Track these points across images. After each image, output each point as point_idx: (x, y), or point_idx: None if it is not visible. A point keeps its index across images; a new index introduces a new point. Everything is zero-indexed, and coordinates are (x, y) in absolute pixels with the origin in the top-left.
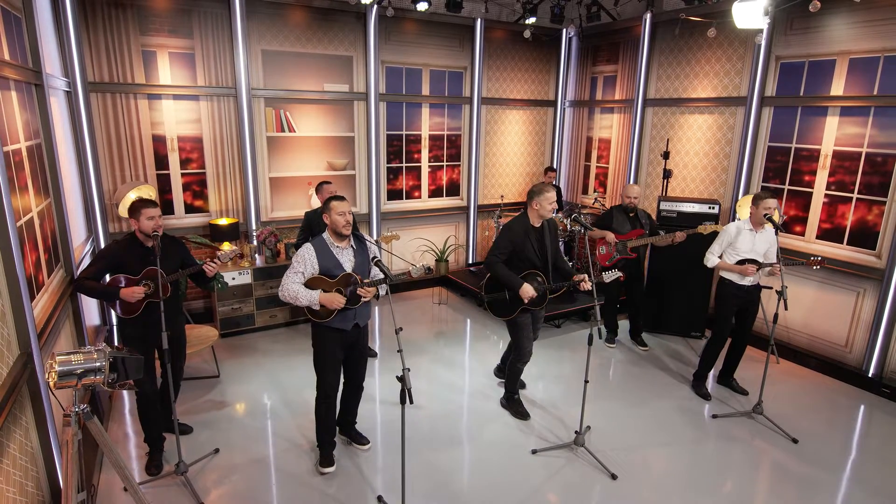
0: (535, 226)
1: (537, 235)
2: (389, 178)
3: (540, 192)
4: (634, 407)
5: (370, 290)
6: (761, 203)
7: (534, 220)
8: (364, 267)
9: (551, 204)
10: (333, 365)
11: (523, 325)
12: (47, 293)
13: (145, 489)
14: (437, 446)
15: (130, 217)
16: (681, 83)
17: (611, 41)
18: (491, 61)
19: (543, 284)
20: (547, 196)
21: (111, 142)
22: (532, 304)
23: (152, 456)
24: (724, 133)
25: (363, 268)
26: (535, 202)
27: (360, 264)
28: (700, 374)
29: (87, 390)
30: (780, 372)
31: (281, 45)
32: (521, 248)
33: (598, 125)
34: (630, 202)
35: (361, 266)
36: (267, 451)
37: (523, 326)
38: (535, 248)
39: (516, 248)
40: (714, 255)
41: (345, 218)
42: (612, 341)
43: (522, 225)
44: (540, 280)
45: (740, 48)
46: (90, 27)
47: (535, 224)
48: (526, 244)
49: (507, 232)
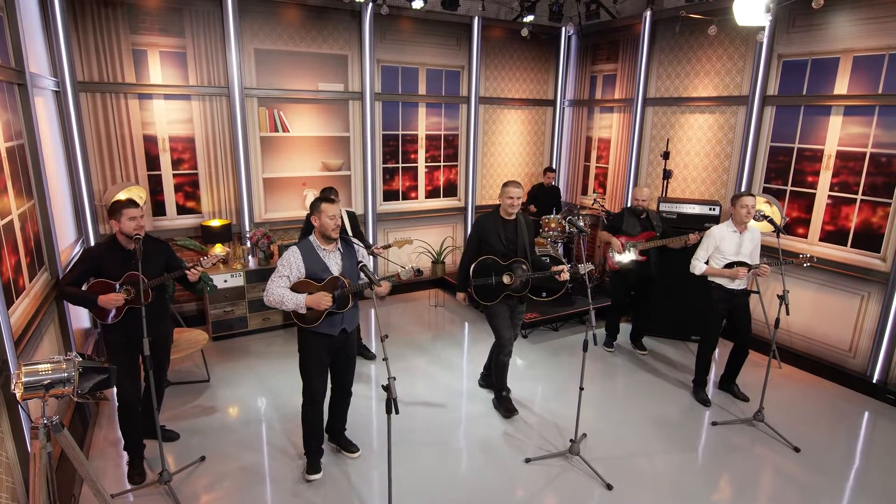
0: (504, 218)
1: (508, 227)
2: (386, 178)
3: (502, 188)
4: (632, 413)
5: (385, 286)
6: (738, 201)
7: (503, 213)
8: (352, 270)
9: (510, 199)
10: (319, 371)
11: (498, 312)
12: (28, 297)
13: (127, 499)
14: (430, 452)
15: (111, 218)
16: (681, 82)
17: (610, 39)
18: (489, 60)
19: (528, 272)
20: (506, 191)
21: (101, 142)
22: (514, 291)
23: (134, 464)
24: (725, 133)
25: (351, 271)
26: (499, 196)
27: (347, 267)
28: (698, 379)
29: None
30: (782, 377)
31: (274, 44)
32: (486, 237)
33: (597, 125)
34: (638, 204)
35: (349, 269)
36: (254, 458)
37: (499, 314)
38: (502, 238)
39: (482, 236)
40: (700, 262)
41: (335, 221)
42: (610, 345)
43: (492, 216)
44: (525, 268)
45: (742, 46)
46: (79, 26)
47: (504, 216)
48: (491, 233)
49: (474, 227)
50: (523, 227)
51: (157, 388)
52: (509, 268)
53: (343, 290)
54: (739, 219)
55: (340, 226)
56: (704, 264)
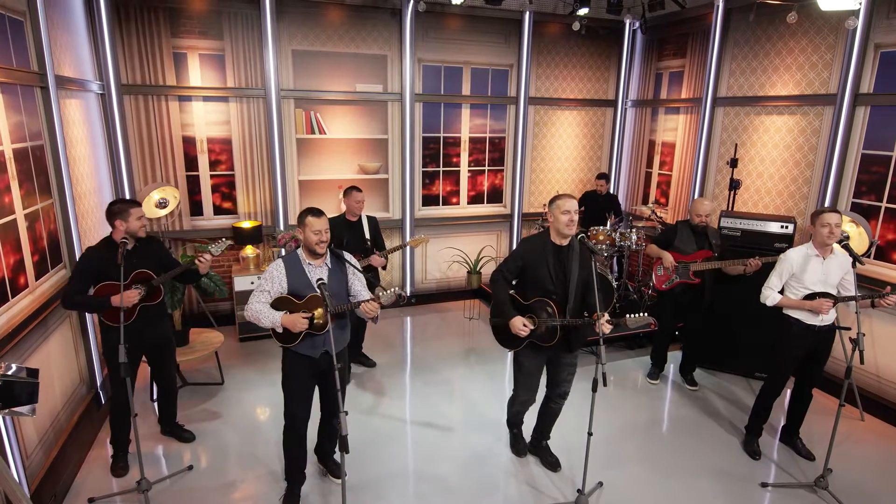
0: (556, 244)
1: (559, 256)
2: (425, 182)
3: (553, 201)
4: (666, 460)
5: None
6: (819, 219)
7: (554, 236)
8: (340, 287)
9: (566, 214)
10: (300, 393)
11: (525, 366)
12: (32, 295)
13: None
14: (426, 489)
15: (117, 219)
16: (757, 79)
17: (679, 32)
18: (541, 58)
19: (554, 318)
20: (559, 204)
21: (143, 143)
22: (541, 340)
23: (117, 458)
24: (807, 138)
25: (339, 288)
26: (549, 214)
27: (334, 285)
28: (752, 426)
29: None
30: (865, 431)
31: (312, 45)
32: (534, 268)
33: (661, 127)
34: (701, 221)
35: (337, 287)
36: (241, 475)
37: (525, 368)
38: (551, 272)
39: (528, 266)
40: (773, 290)
41: (319, 237)
42: (655, 377)
43: (542, 240)
44: (550, 311)
45: (830, 36)
46: (123, 31)
47: (556, 241)
48: (540, 264)
49: (521, 245)
50: (576, 256)
51: (166, 389)
52: (530, 309)
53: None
54: (821, 240)
55: (327, 241)
56: (779, 294)
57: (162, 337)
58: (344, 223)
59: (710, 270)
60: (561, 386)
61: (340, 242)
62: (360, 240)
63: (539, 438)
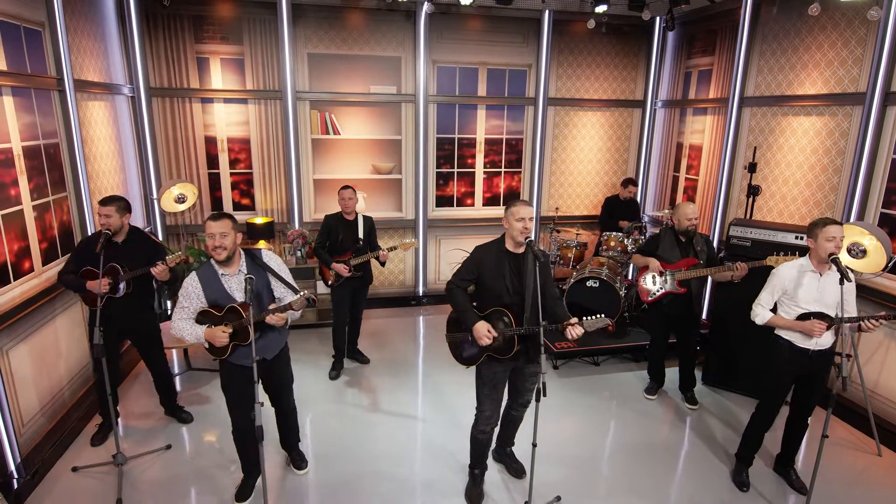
0: (510, 251)
1: (514, 264)
2: (439, 183)
3: (508, 208)
4: (647, 485)
5: (280, 317)
6: (823, 232)
7: (509, 243)
8: (261, 293)
9: (521, 222)
10: (240, 402)
11: (489, 378)
12: (38, 279)
13: (80, 474)
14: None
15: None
16: (784, 77)
17: (707, 28)
18: (562, 58)
19: (510, 327)
20: (513, 211)
21: (168, 142)
22: (498, 353)
23: (99, 429)
24: (834, 141)
25: (259, 294)
26: (504, 220)
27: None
28: (742, 455)
29: None
30: (883, 469)
31: (327, 48)
32: (490, 277)
33: (689, 129)
34: (690, 225)
35: (256, 292)
36: (213, 461)
37: (489, 380)
38: (506, 280)
39: (483, 276)
40: (764, 308)
41: (213, 241)
42: (652, 392)
43: (497, 248)
44: (507, 321)
45: (861, 28)
46: (152, 38)
47: (511, 249)
48: (497, 273)
49: (475, 252)
50: (530, 264)
51: (157, 375)
52: (487, 319)
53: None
54: (823, 255)
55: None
56: (770, 312)
57: (143, 327)
58: (340, 221)
59: (697, 279)
60: (523, 395)
61: (336, 239)
62: (354, 238)
63: (503, 446)
